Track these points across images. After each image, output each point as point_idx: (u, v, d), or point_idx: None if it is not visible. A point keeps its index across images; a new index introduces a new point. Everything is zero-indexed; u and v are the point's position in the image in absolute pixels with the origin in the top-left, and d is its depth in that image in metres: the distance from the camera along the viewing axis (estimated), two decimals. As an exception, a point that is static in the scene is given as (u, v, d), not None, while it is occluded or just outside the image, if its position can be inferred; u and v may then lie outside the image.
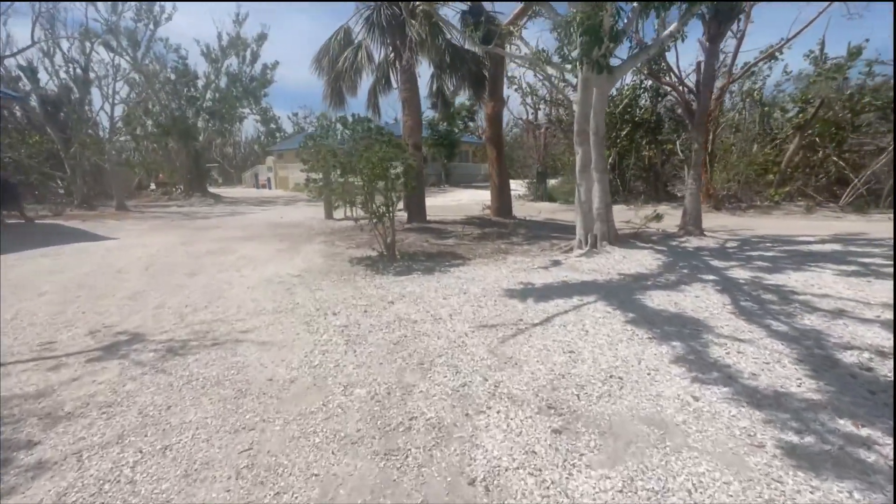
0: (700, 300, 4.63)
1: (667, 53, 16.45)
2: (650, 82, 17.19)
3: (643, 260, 6.61)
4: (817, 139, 15.78)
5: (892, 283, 4.91)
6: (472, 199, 22.11)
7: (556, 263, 6.66)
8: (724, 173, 16.65)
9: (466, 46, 9.81)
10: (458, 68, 9.52)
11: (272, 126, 56.06)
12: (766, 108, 17.36)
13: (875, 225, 11.67)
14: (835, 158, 15.37)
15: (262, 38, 25.17)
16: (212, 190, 29.97)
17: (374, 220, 6.67)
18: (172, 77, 22.02)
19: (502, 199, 11.64)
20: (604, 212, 7.14)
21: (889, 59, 16.15)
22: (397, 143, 6.44)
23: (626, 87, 18.15)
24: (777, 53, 15.75)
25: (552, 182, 21.08)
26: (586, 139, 6.95)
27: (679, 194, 18.36)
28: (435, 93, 11.21)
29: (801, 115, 16.04)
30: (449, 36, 9.14)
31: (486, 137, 12.02)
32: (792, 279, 5.39)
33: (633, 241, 7.90)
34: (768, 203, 15.80)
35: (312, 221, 13.23)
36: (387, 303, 4.85)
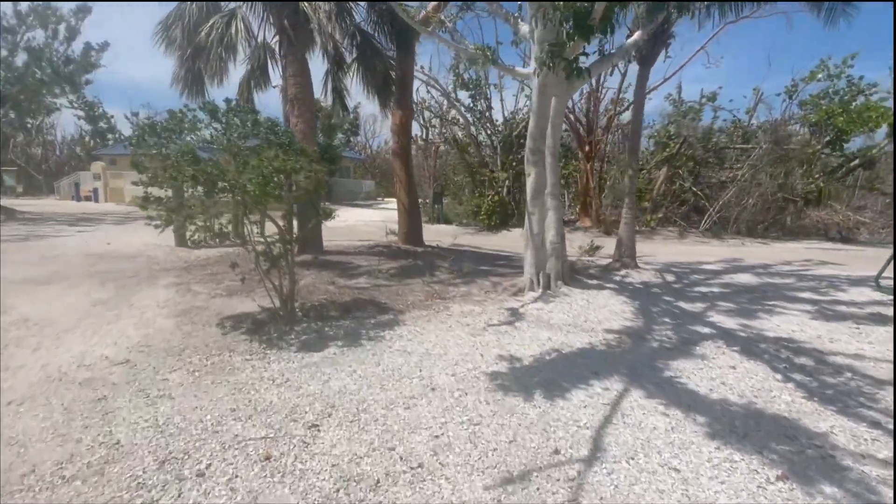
0: (739, 373, 3.56)
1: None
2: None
3: (612, 306, 5.56)
4: (679, 171, 17.68)
5: (889, 328, 4.63)
6: (361, 220, 19.99)
7: (517, 315, 5.21)
8: (607, 200, 17.68)
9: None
10: (367, 63, 7.64)
11: (102, 125, 45.75)
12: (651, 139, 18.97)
13: (743, 249, 13.06)
14: (694, 189, 17.35)
15: (83, 10, 19.64)
16: (6, 202, 22.32)
17: (264, 263, 4.40)
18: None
19: (412, 224, 9.97)
20: (559, 246, 5.98)
21: (728, 105, 19.24)
22: (301, 148, 4.33)
23: (522, 111, 18.20)
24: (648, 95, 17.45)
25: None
26: (541, 159, 5.74)
27: (566, 218, 18.96)
28: (332, 93, 9.11)
29: (667, 150, 17.84)
30: (358, 19, 7.24)
31: (392, 151, 10.27)
32: (782, 327, 4.81)
33: (577, 276, 6.93)
34: (646, 228, 17.03)
35: (156, 251, 9.79)
36: (305, 427, 2.73)
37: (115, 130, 46.48)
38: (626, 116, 18.51)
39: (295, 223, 4.92)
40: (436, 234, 14.56)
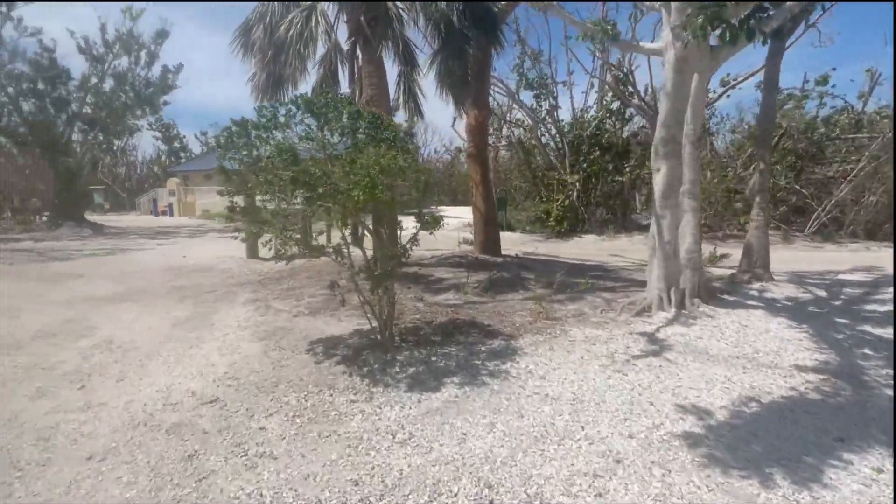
0: None
1: (631, 74, 15.63)
2: (616, 105, 16.14)
3: (776, 330, 4.41)
4: (777, 167, 15.66)
5: None
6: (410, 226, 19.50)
7: (657, 342, 4.21)
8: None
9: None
10: (447, 58, 6.96)
11: (176, 145, 49.21)
12: (735, 133, 17.16)
13: (871, 255, 11.07)
14: (797, 187, 15.28)
15: (161, 35, 20.77)
16: (94, 218, 24.06)
17: (363, 280, 3.74)
18: (28, 72, 16.80)
19: (490, 233, 9.15)
20: (696, 256, 4.92)
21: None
22: (404, 146, 3.65)
23: (593, 109, 17.00)
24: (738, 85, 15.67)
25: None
26: (676, 150, 4.74)
27: (645, 222, 17.40)
28: (405, 95, 8.54)
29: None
30: (446, 8, 6.56)
31: (467, 154, 9.53)
32: None
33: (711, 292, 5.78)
34: (738, 231, 15.17)
35: (229, 263, 9.64)
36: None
37: (187, 149, 49.92)
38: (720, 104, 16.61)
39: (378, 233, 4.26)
40: (502, 241, 13.68)
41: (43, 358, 4.03)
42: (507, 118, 19.47)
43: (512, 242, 13.46)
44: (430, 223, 3.72)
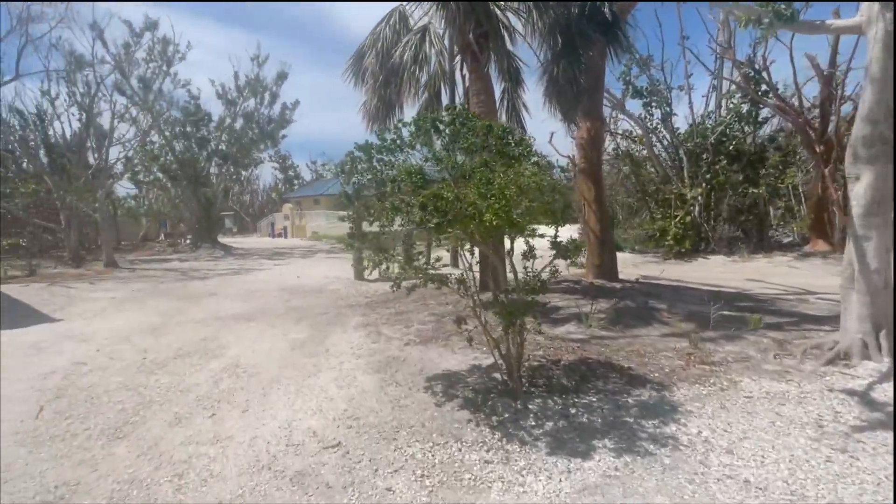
0: None
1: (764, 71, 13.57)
2: (746, 107, 14.14)
3: None
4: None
5: None
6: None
7: (877, 406, 3.14)
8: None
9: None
10: (558, 69, 6.44)
11: (290, 174, 54.91)
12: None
13: None
14: None
15: (281, 77, 23.29)
16: (224, 240, 27.42)
17: (491, 313, 3.31)
18: (181, 117, 19.79)
19: (604, 255, 8.26)
20: (921, 289, 3.69)
21: None
22: (539, 163, 3.19)
23: (716, 113, 15.16)
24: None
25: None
26: (886, 152, 3.64)
27: (785, 240, 14.83)
28: (508, 111, 8.18)
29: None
30: (563, 10, 6.10)
31: (578, 169, 8.82)
32: None
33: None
34: None
35: (337, 284, 9.95)
36: None
37: (300, 177, 55.39)
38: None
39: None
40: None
41: (180, 378, 4.21)
42: (612, 129, 18.22)
43: (623, 263, 12.22)
44: (570, 250, 3.17)
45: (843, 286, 4.07)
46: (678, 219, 13.83)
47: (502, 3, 6.01)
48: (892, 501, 2.02)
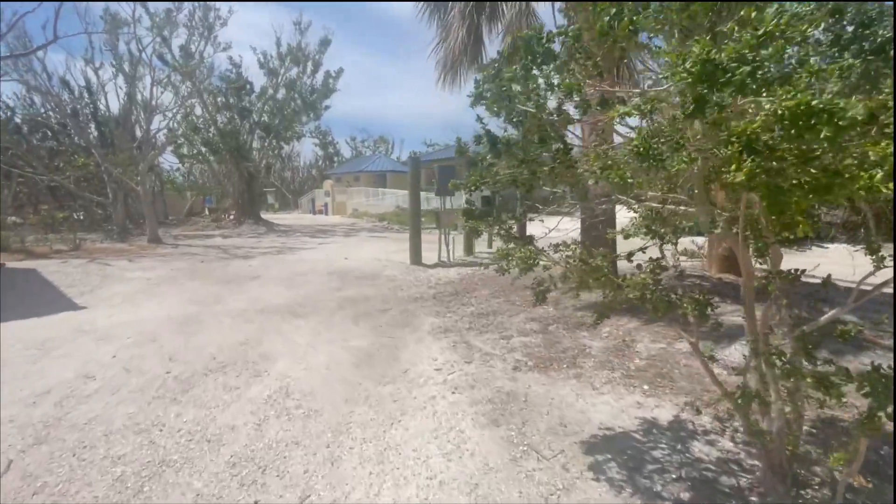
0: None
1: None
2: None
3: None
4: None
5: None
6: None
7: None
8: None
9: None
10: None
11: (330, 150, 54.36)
12: None
13: None
14: None
15: (325, 43, 21.92)
16: (267, 216, 26.96)
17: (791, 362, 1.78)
18: (222, 86, 18.84)
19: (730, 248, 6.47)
20: None
21: None
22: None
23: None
24: None
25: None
26: None
27: None
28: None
29: None
30: None
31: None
32: None
33: None
34: None
35: (392, 270, 8.63)
36: None
37: (339, 154, 54.76)
38: None
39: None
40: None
41: (210, 415, 2.95)
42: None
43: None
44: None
45: None
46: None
47: None
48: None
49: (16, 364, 3.89)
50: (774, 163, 1.23)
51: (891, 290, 1.76)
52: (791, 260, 7.77)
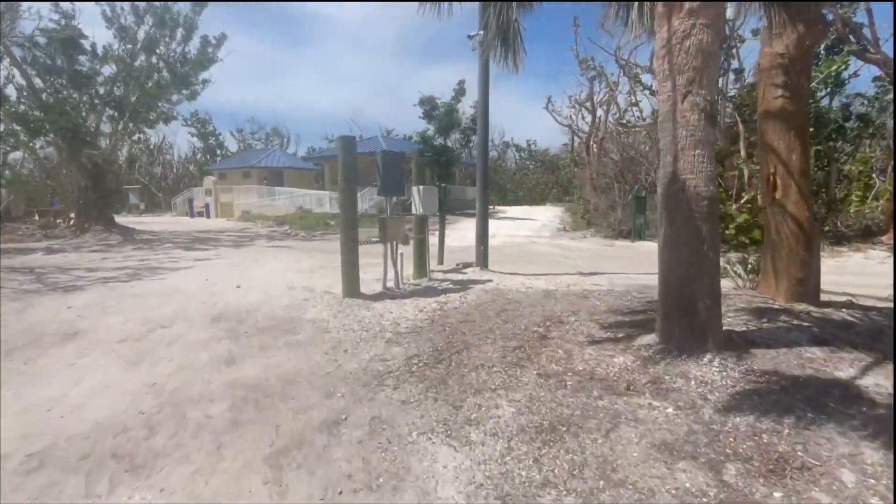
0: None
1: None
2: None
3: None
4: None
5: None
6: (510, 236, 15.56)
7: None
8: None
9: None
10: None
11: (212, 142, 46.80)
12: None
13: None
14: None
15: (199, 7, 17.24)
16: (126, 220, 21.07)
17: None
18: (41, 41, 13.44)
19: (812, 262, 4.81)
20: None
21: None
22: None
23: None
24: None
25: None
26: None
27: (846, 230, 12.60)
28: None
29: None
30: None
31: (763, 112, 5.12)
32: None
33: None
34: None
35: (315, 306, 5.66)
36: None
37: (223, 147, 47.45)
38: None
39: None
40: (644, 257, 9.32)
41: None
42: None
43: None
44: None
45: None
46: (744, 201, 10.96)
47: None
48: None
49: None
50: None
51: None
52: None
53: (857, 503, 1.95)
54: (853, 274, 8.53)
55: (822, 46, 10.65)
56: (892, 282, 4.97)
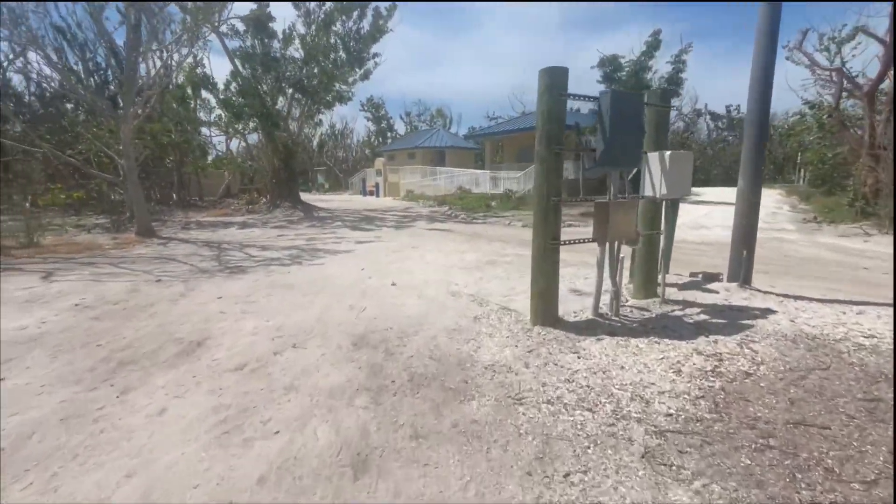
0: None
1: None
2: None
3: None
4: None
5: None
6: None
7: None
8: None
9: None
10: None
11: (384, 125, 50.08)
12: None
13: None
14: None
15: (375, -21, 16.80)
16: (309, 197, 23.01)
17: None
18: (241, 28, 14.40)
19: None
20: None
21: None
22: None
23: None
24: None
25: None
26: None
27: None
28: None
29: None
30: None
31: None
32: None
33: None
34: None
35: (492, 338, 3.61)
36: None
37: (393, 129, 50.32)
38: None
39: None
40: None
41: None
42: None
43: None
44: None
45: None
46: None
47: None
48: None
49: None
50: None
51: None
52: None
53: None
54: None
55: None
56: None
